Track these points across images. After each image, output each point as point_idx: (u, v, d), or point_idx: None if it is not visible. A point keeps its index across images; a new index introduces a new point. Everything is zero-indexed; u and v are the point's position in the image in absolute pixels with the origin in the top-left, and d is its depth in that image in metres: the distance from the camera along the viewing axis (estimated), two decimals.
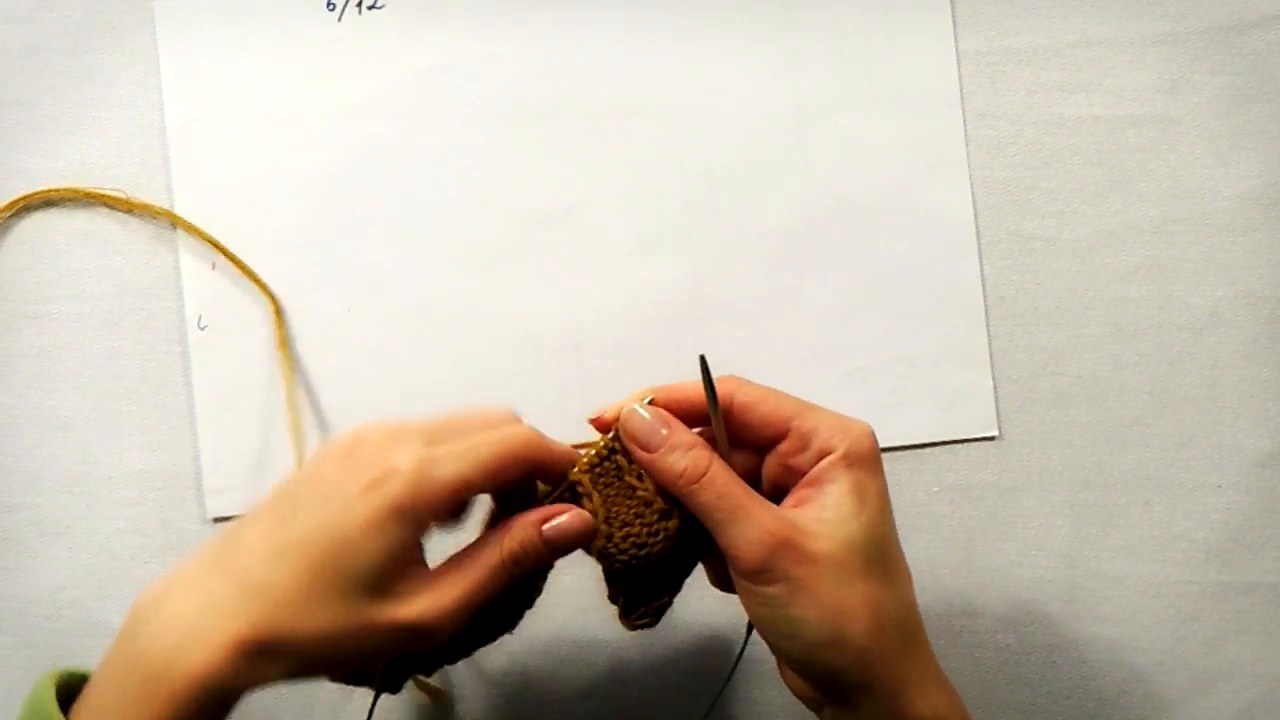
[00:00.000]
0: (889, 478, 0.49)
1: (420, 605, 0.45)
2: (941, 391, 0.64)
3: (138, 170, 0.65)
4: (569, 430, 0.52)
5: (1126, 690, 0.63)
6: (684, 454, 0.48)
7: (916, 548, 0.61)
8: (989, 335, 0.64)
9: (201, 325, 0.64)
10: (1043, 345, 0.64)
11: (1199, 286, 0.64)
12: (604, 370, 0.64)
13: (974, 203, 0.64)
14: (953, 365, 0.64)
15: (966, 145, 0.64)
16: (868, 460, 0.48)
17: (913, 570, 0.63)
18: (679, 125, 0.65)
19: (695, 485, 0.47)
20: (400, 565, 0.45)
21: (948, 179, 0.64)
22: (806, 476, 0.48)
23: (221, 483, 0.64)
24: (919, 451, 0.64)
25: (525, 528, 0.47)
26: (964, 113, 0.64)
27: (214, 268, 0.64)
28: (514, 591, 0.49)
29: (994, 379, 0.64)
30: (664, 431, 0.48)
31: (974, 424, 0.64)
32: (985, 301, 0.64)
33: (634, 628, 0.52)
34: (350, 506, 0.44)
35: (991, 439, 0.64)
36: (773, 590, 0.46)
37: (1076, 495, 0.64)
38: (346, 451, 0.46)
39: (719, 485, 0.47)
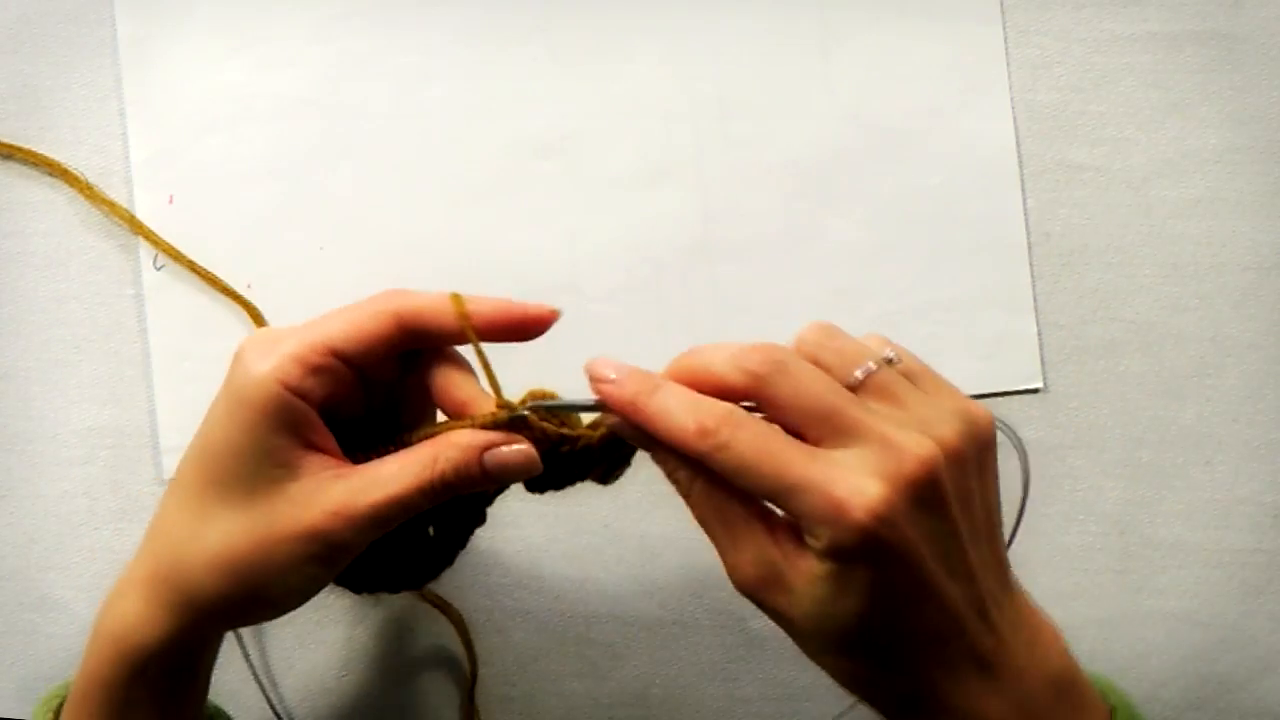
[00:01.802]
0: None
1: (323, 510, 0.43)
2: (980, 339, 0.61)
3: (86, 94, 0.61)
4: (567, 381, 0.48)
5: (1185, 670, 0.61)
6: (670, 471, 0.44)
7: None
8: (1032, 276, 0.62)
9: (158, 265, 0.61)
10: (1092, 287, 0.62)
11: (1265, 221, 0.62)
12: (605, 314, 0.61)
13: (1016, 129, 0.62)
14: (992, 310, 0.62)
15: (1008, 65, 0.62)
16: (858, 552, 0.40)
17: None
18: (688, 43, 0.62)
19: (689, 497, 0.44)
20: (282, 459, 0.43)
21: (987, 103, 0.62)
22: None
23: (178, 440, 0.60)
24: None
25: (466, 451, 0.44)
26: (1005, 29, 0.62)
27: (171, 201, 0.61)
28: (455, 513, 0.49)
29: (1038, 325, 0.62)
30: (650, 444, 0.44)
31: (1016, 375, 0.62)
32: (1028, 239, 0.62)
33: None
34: (215, 413, 0.45)
35: (1035, 391, 0.62)
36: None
37: (1130, 454, 0.62)
38: (230, 365, 0.45)
39: (698, 512, 0.44)
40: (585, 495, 0.59)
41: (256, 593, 0.44)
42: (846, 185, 0.62)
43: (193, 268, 0.60)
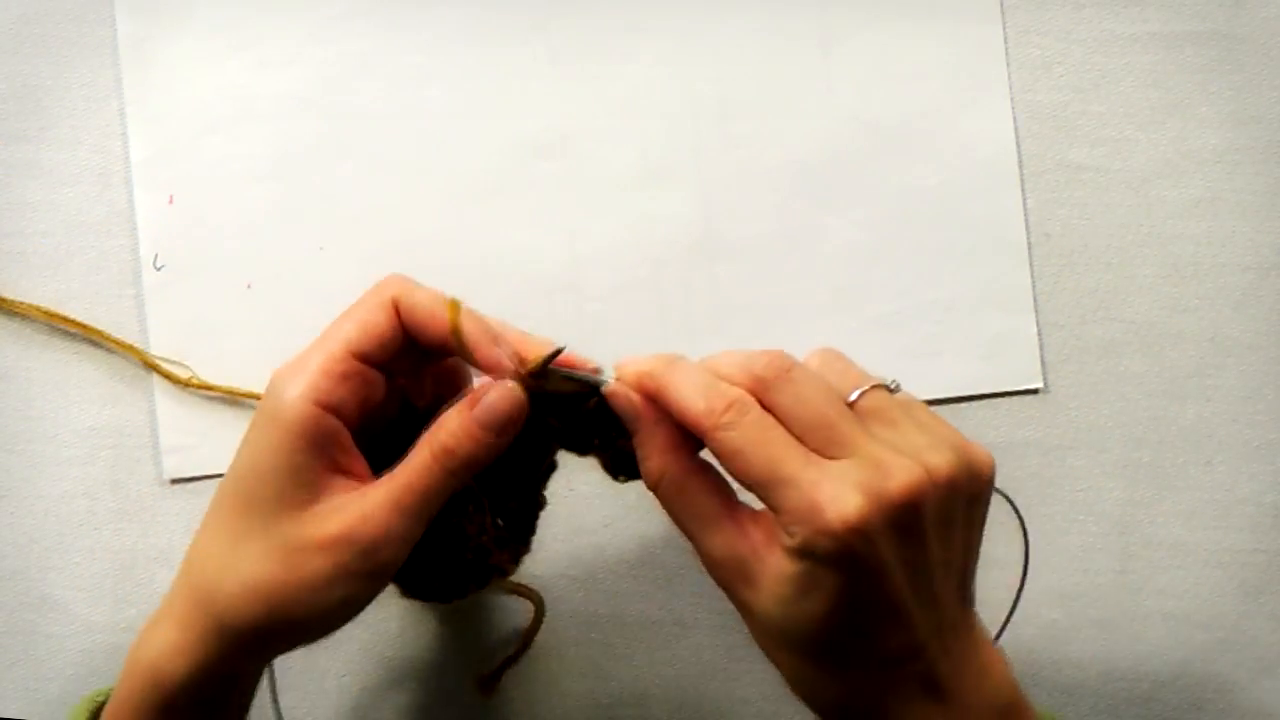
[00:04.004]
0: None
1: (347, 518, 0.43)
2: (980, 339, 0.61)
3: (86, 94, 0.61)
4: None
5: (1185, 670, 0.61)
6: (646, 458, 0.45)
7: None
8: (1032, 277, 0.61)
9: (158, 265, 0.60)
10: (1092, 287, 0.62)
11: (1265, 222, 0.62)
12: (605, 314, 0.61)
13: (1016, 129, 0.62)
14: (992, 310, 0.61)
15: (1008, 65, 0.62)
16: (828, 557, 0.40)
17: None
18: (688, 43, 0.62)
19: (651, 489, 0.45)
20: (310, 481, 0.43)
21: (987, 103, 0.62)
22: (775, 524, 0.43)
23: (179, 440, 0.60)
24: (955, 406, 0.61)
25: (454, 418, 0.45)
26: (1005, 29, 0.62)
27: (171, 201, 0.60)
28: (527, 470, 0.49)
29: (1038, 325, 0.61)
30: (634, 426, 0.45)
31: (1016, 375, 0.61)
32: (1028, 239, 0.62)
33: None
34: (247, 440, 0.45)
35: (1035, 392, 0.61)
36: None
37: (1130, 454, 0.61)
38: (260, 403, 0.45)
39: (669, 503, 0.45)
40: (585, 495, 0.59)
41: (289, 616, 0.44)
42: (846, 185, 0.61)
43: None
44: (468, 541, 0.49)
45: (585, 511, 0.60)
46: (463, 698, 0.60)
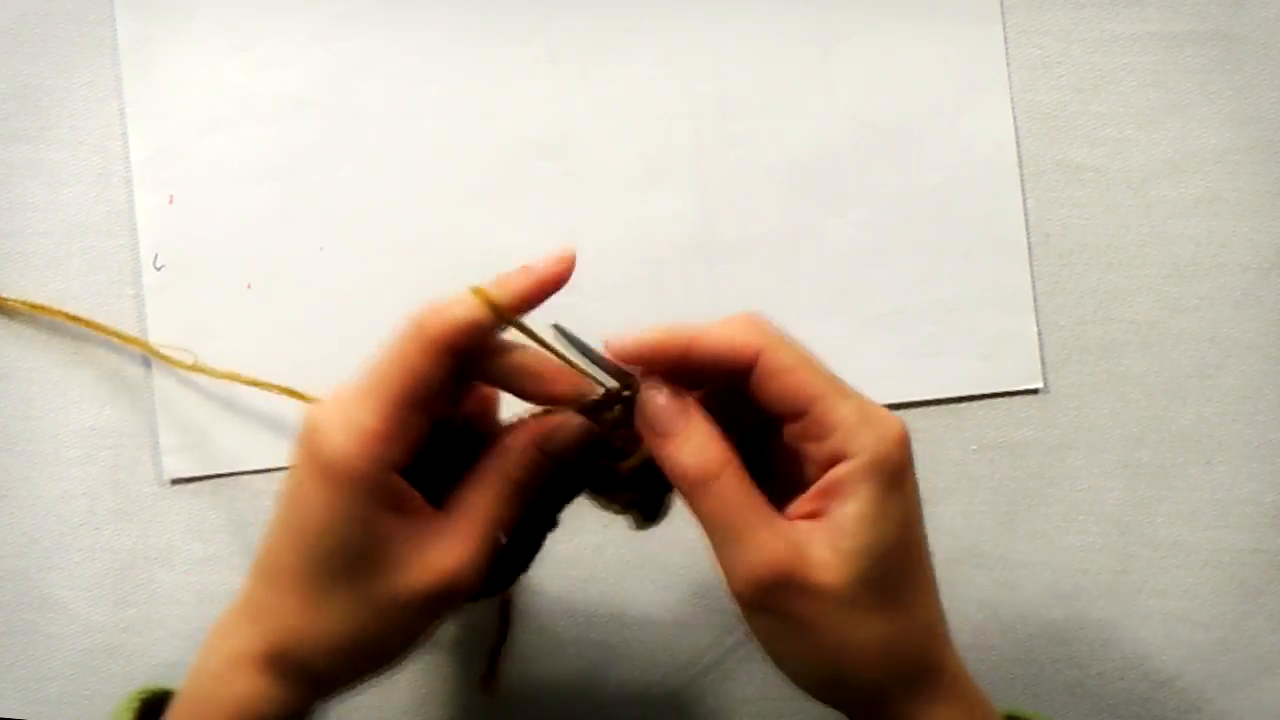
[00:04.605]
0: (921, 434, 0.45)
1: (439, 565, 0.44)
2: (980, 339, 0.61)
3: (86, 94, 0.61)
4: None
5: (1185, 670, 0.60)
6: (696, 451, 0.44)
7: (953, 511, 0.60)
8: (1032, 277, 0.61)
9: (158, 265, 0.60)
10: (1092, 287, 0.61)
11: (1265, 222, 0.61)
12: (605, 314, 0.60)
13: (1016, 129, 0.62)
14: (992, 310, 0.61)
15: (1008, 65, 0.62)
16: (895, 470, 0.42)
17: (949, 537, 0.60)
18: (688, 43, 0.61)
19: (698, 490, 0.43)
20: (383, 536, 0.43)
21: (987, 103, 0.61)
22: (824, 482, 0.43)
23: (179, 440, 0.60)
24: (955, 406, 0.61)
25: (526, 451, 0.45)
26: (1005, 29, 0.62)
27: (171, 201, 0.60)
28: (551, 494, 0.49)
29: (1038, 325, 0.61)
30: (680, 421, 0.44)
31: (1016, 375, 0.61)
32: (1028, 239, 0.61)
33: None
34: (303, 497, 0.43)
35: (1035, 392, 0.61)
36: (770, 624, 0.43)
37: (1130, 454, 0.61)
38: (300, 442, 0.44)
39: (725, 495, 0.43)
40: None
41: (383, 660, 0.45)
42: (846, 185, 0.61)
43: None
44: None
45: (585, 511, 0.60)
46: (464, 697, 0.60)
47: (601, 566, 0.60)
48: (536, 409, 0.46)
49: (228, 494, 0.60)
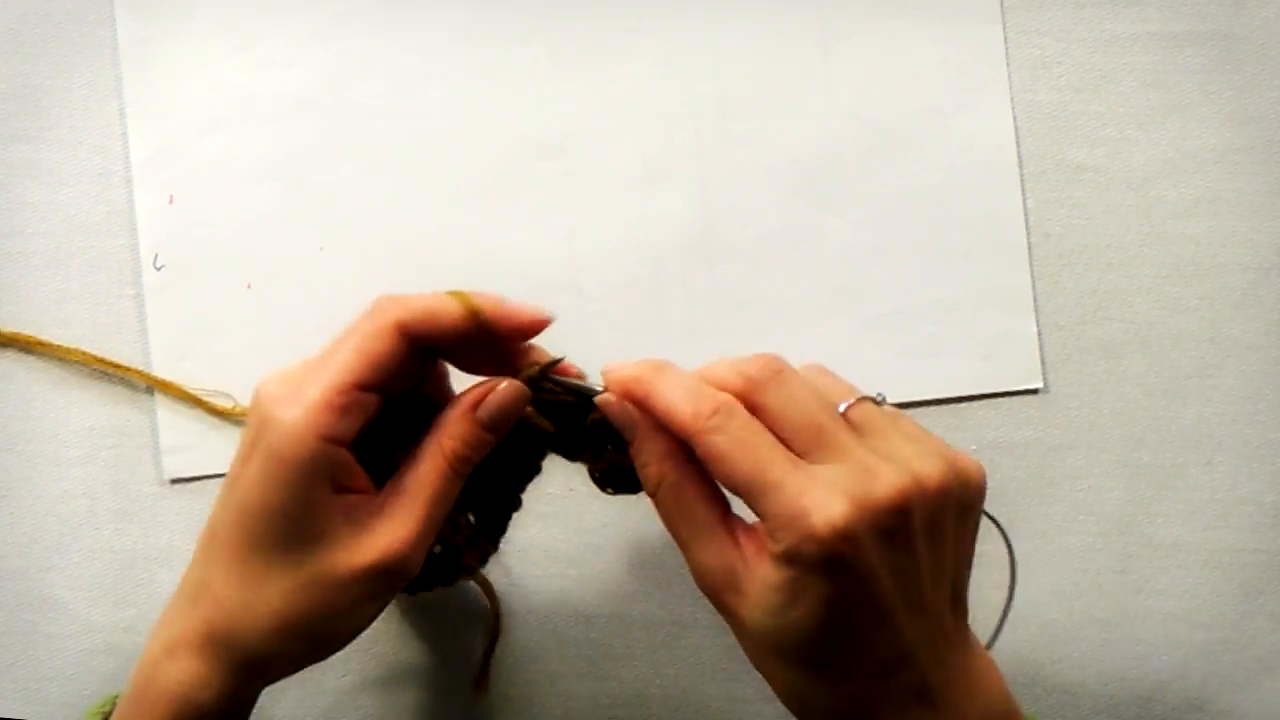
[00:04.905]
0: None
1: (379, 543, 0.43)
2: (980, 339, 0.61)
3: (86, 94, 0.61)
4: None
5: (1186, 671, 0.60)
6: (652, 458, 0.45)
7: None
8: (1032, 277, 0.61)
9: (158, 265, 0.60)
10: (1092, 287, 0.61)
11: (1265, 222, 0.61)
12: (605, 314, 0.60)
13: (1015, 129, 0.61)
14: (992, 310, 0.61)
15: (1007, 65, 0.61)
16: (815, 563, 0.40)
17: None
18: (688, 43, 0.61)
19: (653, 495, 0.45)
20: (322, 511, 0.43)
21: (986, 103, 0.61)
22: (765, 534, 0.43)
23: (179, 440, 0.60)
24: (955, 406, 0.61)
25: (458, 422, 0.45)
26: (1005, 29, 0.62)
27: (171, 201, 0.60)
28: (508, 470, 0.49)
29: (1038, 325, 0.61)
30: (638, 427, 0.45)
31: (1016, 375, 0.61)
32: (1028, 239, 0.61)
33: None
34: (246, 470, 0.43)
35: (1035, 392, 0.61)
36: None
37: (1130, 454, 0.61)
38: (248, 415, 0.44)
39: (676, 504, 0.44)
40: (585, 496, 0.59)
41: (321, 642, 0.45)
42: (846, 185, 0.61)
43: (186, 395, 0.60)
44: (439, 540, 0.49)
45: (585, 512, 0.60)
46: (461, 697, 0.60)
47: (601, 566, 0.60)
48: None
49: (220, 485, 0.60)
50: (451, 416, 0.45)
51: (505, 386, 0.45)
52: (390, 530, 0.44)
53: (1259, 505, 0.60)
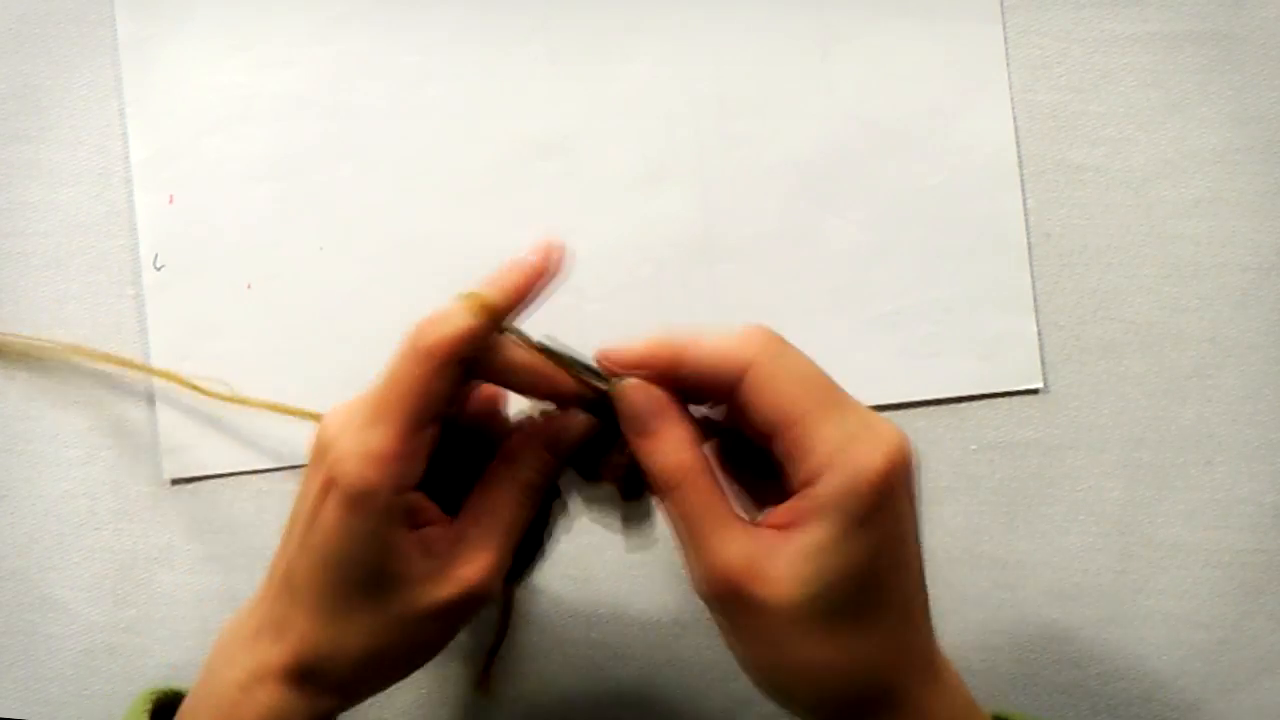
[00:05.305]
0: (921, 434, 0.46)
1: (460, 575, 0.44)
2: (979, 339, 0.60)
3: (86, 94, 0.61)
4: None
5: (1186, 670, 0.60)
6: (665, 454, 0.44)
7: (953, 511, 0.60)
8: (1032, 276, 0.61)
9: (158, 265, 0.60)
10: (1092, 287, 0.61)
11: (1265, 222, 0.61)
12: (605, 314, 0.60)
13: (1015, 129, 0.61)
14: (992, 310, 0.61)
15: (1007, 65, 0.61)
16: (865, 505, 0.41)
17: (949, 537, 0.60)
18: (688, 43, 0.61)
19: (665, 492, 0.44)
20: (401, 553, 0.44)
21: (986, 103, 0.61)
22: (795, 500, 0.42)
23: (179, 440, 0.60)
24: (955, 406, 0.61)
25: (536, 454, 0.46)
26: (1005, 29, 0.61)
27: (171, 201, 0.60)
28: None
29: (1038, 325, 0.61)
30: (653, 423, 0.44)
31: (1016, 375, 0.61)
32: (1028, 239, 0.61)
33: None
34: (321, 519, 0.43)
35: (1035, 392, 0.61)
36: (726, 625, 0.44)
37: (1130, 454, 0.61)
38: (310, 457, 0.45)
39: (689, 500, 0.44)
40: (584, 496, 0.59)
41: (406, 668, 0.47)
42: (846, 185, 0.61)
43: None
44: None
45: (585, 511, 0.60)
46: (463, 697, 0.60)
47: (601, 566, 0.60)
48: (540, 405, 0.47)
49: (228, 494, 0.60)
50: (526, 446, 0.46)
51: (582, 419, 0.46)
52: (469, 562, 0.44)
53: (1259, 505, 0.60)
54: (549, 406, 0.47)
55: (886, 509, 0.41)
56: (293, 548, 0.45)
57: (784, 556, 0.41)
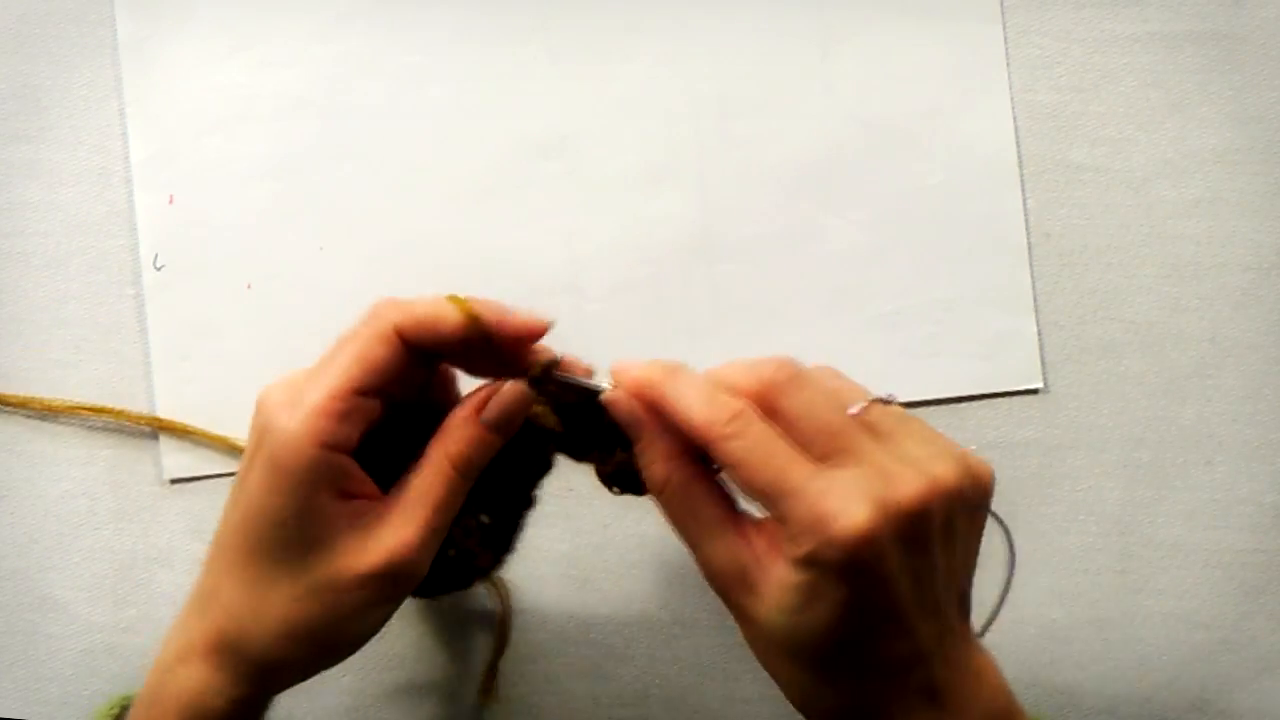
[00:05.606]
0: None
1: (383, 547, 0.43)
2: (980, 339, 0.60)
3: (86, 94, 0.61)
4: None
5: (1185, 670, 0.60)
6: (657, 459, 0.44)
7: None
8: (1032, 276, 0.61)
9: (158, 265, 0.60)
10: (1092, 287, 0.61)
11: (1265, 222, 0.61)
12: (605, 314, 0.60)
13: (1016, 129, 0.61)
14: (992, 310, 0.60)
15: (1008, 65, 0.61)
16: (836, 568, 0.40)
17: None
18: (688, 43, 0.61)
19: (659, 495, 0.45)
20: (325, 517, 0.43)
21: (986, 103, 0.61)
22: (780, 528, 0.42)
23: (179, 440, 0.60)
24: (955, 406, 0.61)
25: (462, 426, 0.45)
26: (1005, 29, 0.61)
27: (171, 201, 0.60)
28: (519, 470, 0.49)
29: (1038, 325, 0.61)
30: (642, 427, 0.45)
31: (1016, 375, 0.61)
32: (1028, 239, 0.61)
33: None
34: (249, 478, 0.44)
35: (1035, 392, 0.61)
36: (733, 614, 0.45)
37: (1130, 454, 0.60)
38: (251, 423, 0.44)
39: (683, 504, 0.44)
40: (585, 496, 0.59)
41: (329, 648, 0.45)
42: (846, 185, 0.61)
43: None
44: (453, 543, 0.48)
45: (584, 512, 0.60)
46: (464, 698, 0.60)
47: (601, 566, 0.60)
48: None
49: (228, 494, 0.60)
50: (455, 420, 0.45)
51: (508, 388, 0.45)
52: (394, 534, 0.43)
53: (1259, 505, 0.60)
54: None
55: (869, 567, 0.40)
56: (224, 515, 0.45)
57: (771, 578, 0.42)
